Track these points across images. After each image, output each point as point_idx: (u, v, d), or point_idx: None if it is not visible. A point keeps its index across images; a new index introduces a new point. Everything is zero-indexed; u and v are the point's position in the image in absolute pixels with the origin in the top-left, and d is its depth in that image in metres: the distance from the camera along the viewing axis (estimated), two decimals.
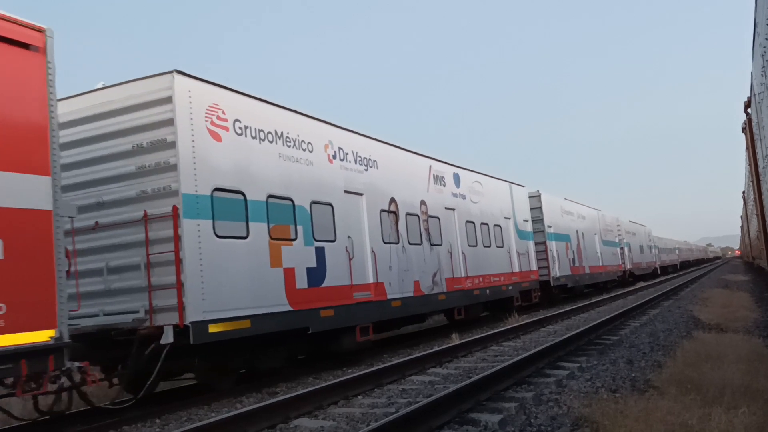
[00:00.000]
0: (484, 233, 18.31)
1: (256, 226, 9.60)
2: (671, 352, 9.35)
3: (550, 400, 6.92)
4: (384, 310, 12.66)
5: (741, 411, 5.40)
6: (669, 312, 17.01)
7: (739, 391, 6.24)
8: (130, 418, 7.94)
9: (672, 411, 5.58)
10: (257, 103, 10.17)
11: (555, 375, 8.48)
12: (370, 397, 8.14)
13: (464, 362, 10.69)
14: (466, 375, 9.05)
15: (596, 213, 33.82)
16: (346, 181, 12.12)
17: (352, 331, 11.64)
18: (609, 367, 8.82)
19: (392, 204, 13.63)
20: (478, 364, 10.30)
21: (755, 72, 12.34)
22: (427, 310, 14.44)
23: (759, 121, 13.55)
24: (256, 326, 9.24)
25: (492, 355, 11.35)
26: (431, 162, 15.94)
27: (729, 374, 7.05)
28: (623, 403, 6.11)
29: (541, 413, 6.37)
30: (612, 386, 7.40)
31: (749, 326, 12.61)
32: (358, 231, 12.30)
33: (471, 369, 9.74)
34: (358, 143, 12.80)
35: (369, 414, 7.05)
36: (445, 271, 15.50)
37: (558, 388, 7.59)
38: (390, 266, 13.08)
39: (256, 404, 7.53)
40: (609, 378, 7.98)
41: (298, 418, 7.12)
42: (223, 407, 8.40)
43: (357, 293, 11.82)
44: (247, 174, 9.62)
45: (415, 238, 14.38)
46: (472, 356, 11.36)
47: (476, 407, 6.73)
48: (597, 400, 6.49)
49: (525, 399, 6.97)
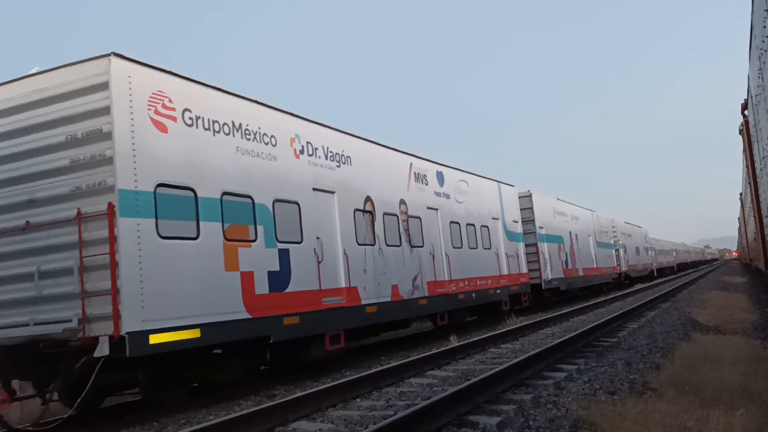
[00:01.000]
0: (470, 234, 17.48)
1: (208, 225, 8.75)
2: (669, 354, 9.31)
3: (549, 403, 6.89)
4: (358, 317, 11.81)
5: (739, 413, 5.40)
6: (667, 314, 16.87)
7: (738, 392, 6.23)
8: (128, 422, 7.91)
9: (670, 413, 5.59)
10: (211, 92, 9.33)
11: (553, 377, 8.43)
12: (368, 399, 8.11)
13: (462, 365, 10.60)
14: (465, 377, 9.05)
15: (591, 214, 33.00)
16: (315, 178, 11.28)
17: (321, 340, 10.79)
18: (607, 369, 8.77)
19: (368, 203, 12.80)
20: (477, 366, 10.23)
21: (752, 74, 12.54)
22: (406, 315, 13.60)
23: (756, 123, 13.61)
24: (207, 336, 8.39)
25: (490, 357, 11.26)
26: (412, 159, 15.11)
27: (727, 376, 7.04)
28: (621, 405, 6.10)
29: (539, 415, 6.34)
30: (610, 388, 7.36)
31: (747, 328, 12.55)
32: (329, 232, 11.46)
33: (469, 371, 9.69)
34: (330, 138, 11.97)
35: (367, 417, 7.03)
36: (427, 274, 14.65)
37: (556, 391, 7.53)
38: (365, 269, 12.23)
39: (254, 407, 7.57)
40: (607, 380, 7.95)
41: (296, 420, 7.11)
42: (221, 410, 8.38)
43: (327, 299, 10.97)
44: (198, 169, 8.78)
45: (394, 239, 13.55)
46: (470, 358, 11.28)
47: (474, 410, 6.72)
48: (595, 402, 6.47)
49: (523, 401, 6.95)
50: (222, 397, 9.12)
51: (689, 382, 6.82)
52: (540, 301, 23.20)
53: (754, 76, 12.12)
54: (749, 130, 16.91)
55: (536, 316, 19.63)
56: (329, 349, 10.89)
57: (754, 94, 12.89)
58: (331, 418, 7.14)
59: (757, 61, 10.75)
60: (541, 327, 16.09)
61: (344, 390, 8.22)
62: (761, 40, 9.41)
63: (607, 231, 36.10)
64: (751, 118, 15.05)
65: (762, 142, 12.87)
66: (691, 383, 6.77)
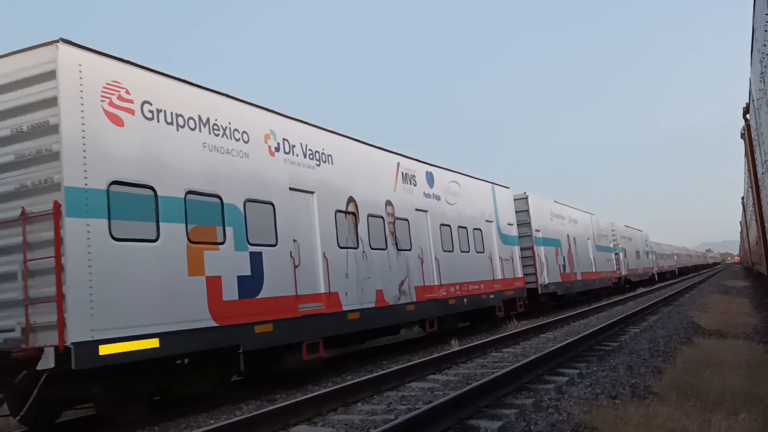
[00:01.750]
0: (462, 237, 16.84)
1: (169, 227, 8.13)
2: (671, 358, 9.27)
3: (550, 407, 6.85)
4: (338, 324, 11.17)
5: (741, 417, 5.40)
6: (669, 318, 16.75)
7: (740, 397, 6.22)
8: (128, 426, 7.81)
9: (672, 417, 5.58)
10: (175, 84, 8.71)
11: (555, 381, 8.38)
12: (369, 403, 8.06)
13: (464, 368, 10.53)
14: (466, 381, 9.00)
15: (589, 217, 32.36)
16: (292, 177, 10.66)
17: (298, 349, 10.15)
18: (609, 374, 8.72)
19: (350, 204, 12.17)
20: (478, 370, 10.17)
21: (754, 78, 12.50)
22: (391, 322, 12.95)
23: (758, 126, 13.69)
24: (166, 346, 7.76)
25: (492, 361, 11.19)
26: (399, 159, 14.49)
27: (729, 380, 7.03)
28: (623, 410, 6.09)
29: (540, 420, 6.31)
30: (612, 392, 7.31)
31: (749, 332, 12.50)
32: (307, 234, 10.84)
33: (470, 375, 9.63)
34: (309, 135, 11.35)
35: (368, 421, 6.97)
36: (415, 278, 14.02)
37: (558, 395, 7.48)
38: (346, 274, 11.60)
39: (255, 411, 7.56)
40: (609, 384, 7.89)
41: (297, 425, 7.05)
42: (222, 414, 8.33)
43: (304, 305, 10.34)
44: (158, 166, 8.15)
45: (379, 242, 12.92)
46: (471, 362, 11.21)
47: (476, 414, 6.69)
48: (597, 406, 6.47)
49: (525, 405, 6.91)
50: (223, 401, 9.07)
51: (691, 387, 6.78)
52: (536, 306, 22.54)
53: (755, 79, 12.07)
54: (751, 133, 16.98)
55: (538, 320, 19.43)
56: (306, 359, 10.25)
57: (755, 97, 12.86)
58: (332, 423, 7.08)
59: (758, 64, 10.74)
60: (543, 331, 15.91)
61: (345, 394, 8.14)
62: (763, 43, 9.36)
63: (606, 234, 35.46)
64: (753, 121, 15.13)
65: (764, 146, 12.89)
66: (693, 387, 6.74)
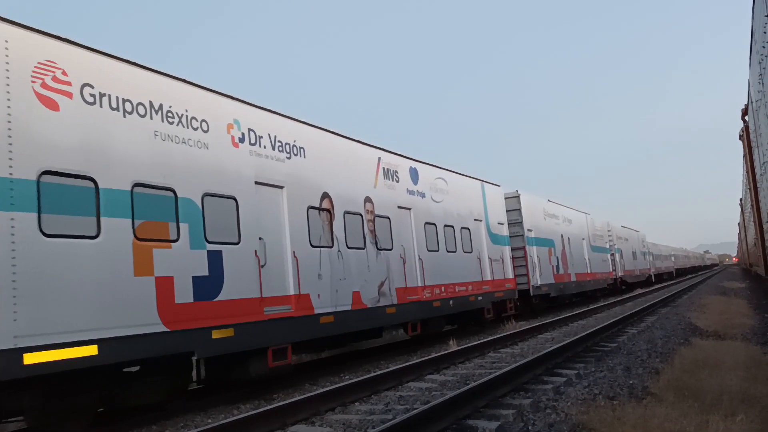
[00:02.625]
0: (449, 237, 16.12)
1: (112, 222, 7.40)
2: (669, 359, 9.28)
3: (548, 407, 6.83)
4: (309, 328, 10.43)
5: (739, 418, 5.41)
6: (667, 319, 16.72)
7: (737, 398, 6.23)
8: (125, 425, 7.78)
9: (670, 418, 5.59)
10: (122, 66, 7.98)
11: (553, 382, 8.38)
12: (367, 403, 8.04)
13: (462, 369, 10.51)
14: (464, 382, 9.00)
15: (585, 217, 31.65)
16: (259, 171, 9.93)
17: (263, 354, 9.43)
18: (607, 374, 8.70)
19: (325, 200, 11.45)
20: (476, 370, 10.14)
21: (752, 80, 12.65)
22: (370, 325, 12.21)
23: (756, 128, 13.73)
24: (106, 353, 7.03)
25: (490, 361, 11.17)
26: (380, 153, 13.76)
27: (727, 381, 7.04)
28: (621, 410, 6.10)
29: (538, 420, 6.30)
30: (610, 393, 7.31)
31: (747, 333, 12.50)
32: (275, 231, 10.11)
33: (469, 375, 9.61)
34: (278, 125, 10.61)
35: (366, 421, 6.94)
36: (396, 279, 13.29)
37: (556, 395, 7.47)
38: (319, 275, 10.87)
39: (252, 410, 7.57)
40: (607, 385, 7.88)
41: (295, 424, 7.05)
42: (220, 413, 8.31)
43: (270, 308, 9.61)
44: (100, 155, 7.42)
45: (357, 241, 12.19)
46: (469, 363, 11.18)
47: (474, 414, 6.70)
48: (595, 407, 6.48)
49: (523, 406, 6.90)
50: (220, 401, 9.07)
51: (689, 387, 6.80)
52: (528, 308, 21.82)
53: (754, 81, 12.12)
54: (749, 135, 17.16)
55: (536, 320, 19.24)
56: (272, 366, 9.52)
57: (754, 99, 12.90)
58: (330, 422, 7.05)
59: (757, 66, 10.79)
60: (541, 331, 15.81)
61: (343, 394, 8.11)
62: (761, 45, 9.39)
63: (602, 235, 34.75)
64: (751, 123, 15.20)
65: (762, 148, 12.88)
66: (690, 388, 6.76)
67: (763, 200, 16.04)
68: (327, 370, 11.43)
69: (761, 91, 10.76)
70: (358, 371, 11.31)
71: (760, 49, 9.71)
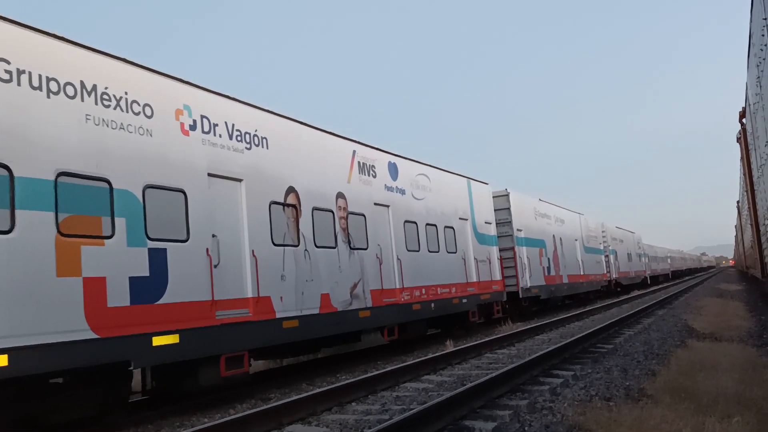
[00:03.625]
0: (431, 236, 15.29)
1: (30, 215, 6.55)
2: (665, 361, 9.29)
3: (545, 408, 6.82)
4: (270, 333, 9.59)
5: (735, 420, 5.43)
6: (663, 321, 16.69)
7: (733, 400, 6.25)
8: (122, 424, 7.68)
9: (666, 419, 5.63)
10: (48, 41, 7.12)
11: (549, 383, 8.37)
12: (363, 403, 7.99)
13: (459, 369, 10.47)
14: (461, 382, 8.98)
15: (578, 217, 30.84)
16: (213, 162, 9.09)
17: (215, 363, 8.59)
18: (603, 376, 8.68)
19: (291, 195, 10.61)
20: (473, 371, 10.12)
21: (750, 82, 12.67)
22: (341, 330, 11.36)
23: (753, 130, 13.74)
24: (20, 363, 6.20)
25: (486, 362, 11.13)
26: (356, 147, 12.92)
27: (723, 383, 7.06)
28: (617, 412, 6.11)
29: (535, 421, 6.29)
30: (606, 394, 7.29)
31: (743, 335, 12.48)
32: (232, 228, 9.27)
33: (465, 376, 9.59)
34: (237, 113, 9.77)
35: (362, 421, 6.92)
36: (371, 281, 12.46)
37: (552, 396, 7.44)
38: (282, 275, 10.03)
39: (249, 410, 7.55)
40: (603, 386, 7.87)
41: (291, 424, 7.02)
42: (216, 413, 8.27)
43: (224, 312, 8.77)
44: (16, 139, 6.57)
45: (327, 239, 11.35)
46: (466, 363, 11.12)
47: (470, 415, 6.68)
48: (591, 408, 6.47)
49: (519, 407, 6.88)
50: (216, 400, 9.00)
51: (685, 389, 6.82)
52: (518, 311, 21.00)
53: (752, 84, 12.12)
54: (747, 137, 17.10)
55: (533, 321, 19.16)
56: (226, 375, 8.68)
57: (752, 102, 12.91)
58: (327, 422, 7.02)
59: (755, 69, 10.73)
60: (538, 333, 15.75)
61: (340, 394, 8.07)
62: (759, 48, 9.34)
63: (596, 236, 33.95)
64: (749, 125, 15.22)
65: (759, 150, 12.87)
66: (686, 390, 6.77)
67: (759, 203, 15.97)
68: (323, 370, 11.38)
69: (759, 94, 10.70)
70: (354, 371, 11.27)
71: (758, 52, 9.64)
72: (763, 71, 9.39)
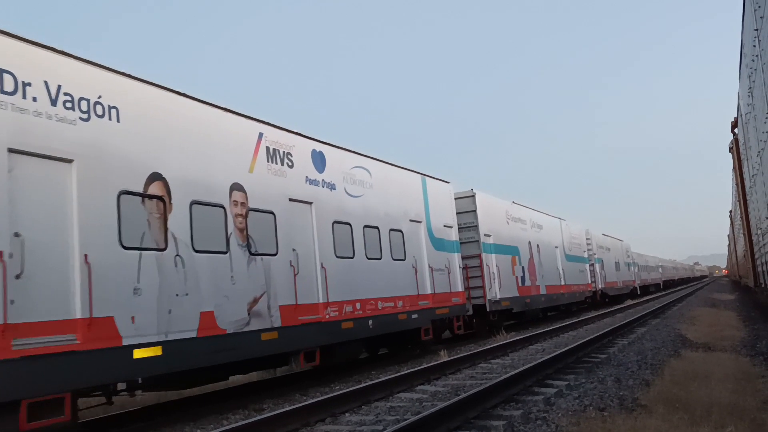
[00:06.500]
0: (371, 240, 12.85)
1: None
2: (659, 371, 9.33)
3: (538, 419, 6.75)
4: (111, 367, 7.12)
5: (728, 430, 5.45)
6: (657, 330, 16.65)
7: (727, 409, 6.25)
8: None
9: (660, 429, 5.64)
10: None
11: (543, 393, 8.34)
12: (357, 414, 7.95)
13: (453, 379, 10.43)
14: (455, 392, 8.98)
15: (558, 222, 28.49)
16: (18, 134, 6.65)
17: (13, 410, 6.11)
18: (597, 386, 8.65)
19: (155, 184, 8.17)
20: (467, 381, 10.12)
21: (742, 93, 12.76)
22: (232, 358, 8.88)
23: (746, 141, 13.80)
24: None
25: (480, 372, 11.12)
26: (263, 128, 10.50)
27: (716, 393, 7.10)
28: (611, 422, 6.11)
29: (529, 431, 6.25)
30: (600, 404, 7.23)
31: (736, 345, 12.46)
32: (51, 226, 6.82)
33: (459, 386, 9.57)
34: (68, 72, 7.31)
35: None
36: (282, 295, 10.00)
37: (546, 406, 7.37)
38: (136, 289, 7.56)
39: (242, 421, 7.48)
40: (597, 396, 7.80)
41: None
42: (209, 424, 8.18)
43: (26, 339, 6.29)
44: None
45: (213, 242, 8.91)
46: (460, 373, 11.10)
47: (464, 425, 6.68)
48: (585, 418, 6.45)
49: (513, 417, 6.84)
50: (210, 411, 8.89)
51: (679, 399, 6.87)
52: (486, 326, 18.55)
53: (744, 94, 12.20)
54: (739, 147, 17.12)
55: (527, 331, 19.13)
56: (29, 427, 6.20)
57: (744, 112, 12.94)
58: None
59: (746, 79, 10.78)
60: (532, 342, 15.73)
61: (333, 404, 8.02)
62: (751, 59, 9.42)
63: (580, 243, 31.61)
64: (741, 136, 15.23)
65: (751, 160, 12.93)
66: (680, 400, 6.81)
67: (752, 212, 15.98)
68: (317, 381, 11.39)
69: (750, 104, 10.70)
70: (348, 381, 11.18)
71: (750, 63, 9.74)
72: (755, 81, 9.42)
